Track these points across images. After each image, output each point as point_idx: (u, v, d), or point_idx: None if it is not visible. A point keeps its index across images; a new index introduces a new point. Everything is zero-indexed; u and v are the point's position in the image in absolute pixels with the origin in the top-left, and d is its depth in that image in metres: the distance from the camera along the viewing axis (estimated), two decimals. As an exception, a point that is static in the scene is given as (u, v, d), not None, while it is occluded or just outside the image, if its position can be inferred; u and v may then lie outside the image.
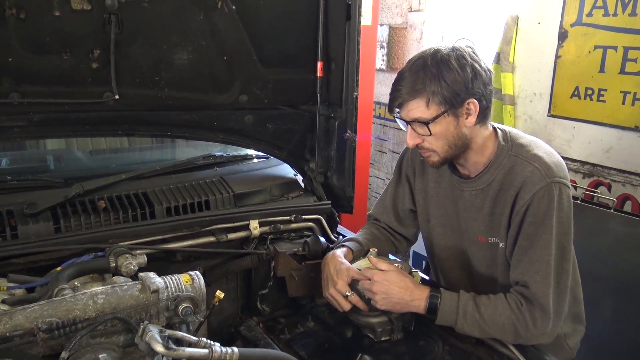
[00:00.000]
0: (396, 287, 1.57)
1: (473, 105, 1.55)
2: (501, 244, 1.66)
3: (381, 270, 1.62)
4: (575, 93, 3.00)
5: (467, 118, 1.56)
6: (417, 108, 1.54)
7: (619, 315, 2.67)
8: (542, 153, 1.60)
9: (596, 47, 2.86)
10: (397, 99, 1.57)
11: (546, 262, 1.52)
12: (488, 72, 1.58)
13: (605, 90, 2.85)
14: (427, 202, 1.86)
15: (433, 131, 1.55)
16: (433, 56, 1.53)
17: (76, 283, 1.38)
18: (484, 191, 1.67)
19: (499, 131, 1.68)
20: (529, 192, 1.54)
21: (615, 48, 2.77)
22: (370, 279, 1.60)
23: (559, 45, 3.05)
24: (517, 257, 1.59)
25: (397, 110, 1.59)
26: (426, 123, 1.54)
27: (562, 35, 3.02)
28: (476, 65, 1.54)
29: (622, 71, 2.75)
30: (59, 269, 1.43)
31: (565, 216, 1.56)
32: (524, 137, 1.68)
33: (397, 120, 1.63)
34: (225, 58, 1.92)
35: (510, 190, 1.59)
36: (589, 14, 2.87)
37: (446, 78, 1.50)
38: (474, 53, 1.56)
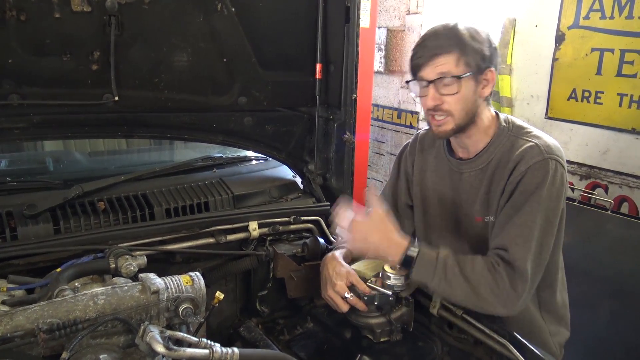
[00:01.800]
0: (375, 232, 1.57)
1: (491, 75, 1.61)
2: (492, 218, 1.66)
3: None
4: (573, 95, 3.01)
5: (483, 88, 1.61)
6: (447, 63, 1.55)
7: (615, 316, 2.67)
8: (542, 135, 1.64)
9: (593, 49, 2.87)
10: (425, 54, 1.57)
11: (529, 227, 1.52)
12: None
13: (602, 92, 2.86)
14: (424, 192, 1.87)
15: (460, 90, 1.57)
16: (460, 24, 1.59)
17: (76, 284, 1.38)
18: (483, 170, 1.69)
19: (500, 115, 1.72)
20: (525, 164, 1.55)
21: (612, 51, 2.78)
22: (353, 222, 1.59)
23: (556, 48, 3.06)
24: (500, 224, 1.59)
25: (416, 71, 1.60)
26: (458, 77, 1.55)
27: (559, 38, 3.04)
28: (489, 37, 1.62)
29: (619, 74, 2.76)
30: (58, 270, 1.43)
31: (556, 191, 1.56)
32: (524, 123, 1.72)
33: (412, 85, 1.64)
34: (224, 60, 1.93)
35: (507, 165, 1.61)
36: (586, 17, 2.88)
37: (477, 41, 1.57)
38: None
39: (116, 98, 1.77)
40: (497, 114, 1.73)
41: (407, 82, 1.67)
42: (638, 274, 2.57)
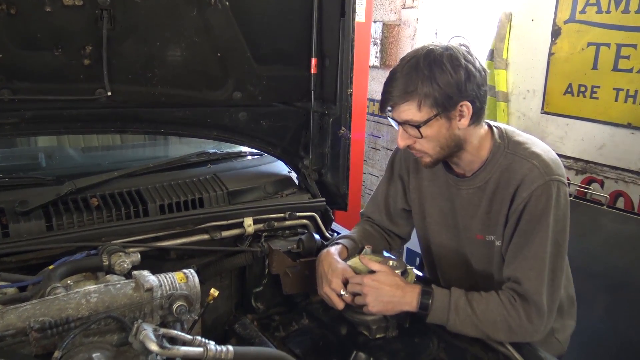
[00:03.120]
0: (387, 286, 1.56)
1: (466, 107, 1.52)
2: (497, 242, 1.66)
3: (372, 271, 1.62)
4: (569, 90, 3.00)
5: (459, 120, 1.54)
6: (409, 110, 1.51)
7: (611, 311, 2.68)
8: (540, 150, 1.60)
9: (589, 44, 2.86)
10: (388, 101, 1.55)
11: (541, 259, 1.52)
12: (483, 73, 1.55)
13: (598, 87, 2.86)
14: (422, 200, 1.85)
15: (424, 134, 1.54)
16: (426, 57, 1.49)
17: (69, 282, 1.37)
18: (481, 189, 1.66)
19: (494, 129, 1.67)
20: (527, 189, 1.53)
21: (608, 45, 2.78)
22: (360, 283, 1.58)
23: (552, 42, 3.05)
24: (512, 253, 1.59)
25: (389, 109, 1.57)
26: (417, 126, 1.52)
27: (556, 32, 3.03)
28: (470, 66, 1.50)
29: (615, 68, 2.76)
30: (51, 267, 1.42)
31: (562, 214, 1.56)
32: (520, 135, 1.68)
33: (389, 119, 1.61)
34: (218, 55, 1.91)
35: (508, 188, 1.59)
36: (582, 11, 2.87)
37: (439, 80, 1.47)
38: (468, 53, 1.53)
39: (109, 93, 1.75)
40: (490, 127, 1.68)
41: (383, 114, 1.63)
42: (634, 269, 2.57)
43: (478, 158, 1.65)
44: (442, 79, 1.47)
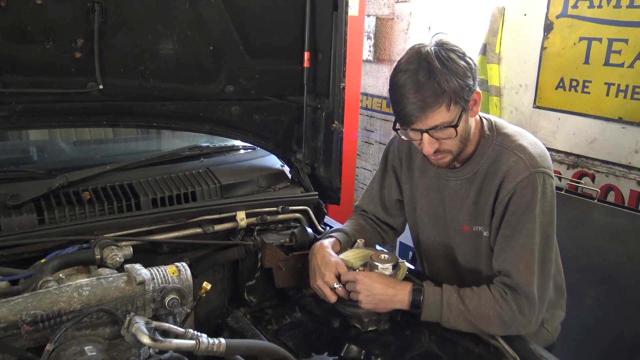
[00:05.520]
0: (378, 284, 1.57)
1: (477, 95, 1.54)
2: (485, 233, 1.67)
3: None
4: (560, 85, 3.02)
5: (472, 108, 1.56)
6: (439, 114, 1.46)
7: (601, 304, 2.71)
8: (527, 143, 1.61)
9: (581, 38, 2.87)
10: (414, 109, 1.45)
11: (529, 250, 1.53)
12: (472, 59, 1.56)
13: (590, 81, 2.87)
14: (414, 191, 1.86)
15: (456, 131, 1.50)
16: (435, 56, 1.44)
17: (61, 275, 1.36)
18: (469, 180, 1.68)
19: (484, 120, 1.68)
20: (513, 181, 1.55)
21: (599, 40, 2.79)
22: (353, 280, 1.59)
23: (545, 37, 3.06)
24: (500, 245, 1.60)
25: (404, 125, 1.52)
26: (454, 126, 1.49)
27: (548, 27, 3.04)
28: (466, 55, 1.51)
29: (607, 63, 2.77)
30: (43, 261, 1.41)
31: (549, 206, 1.57)
32: (509, 127, 1.69)
33: (402, 133, 1.57)
34: (211, 48, 1.90)
35: (494, 179, 1.60)
36: (574, 6, 2.88)
37: (457, 74, 1.44)
38: (454, 44, 1.52)
39: (101, 86, 1.74)
40: (480, 119, 1.68)
41: (396, 129, 1.58)
42: (624, 262, 2.60)
43: (469, 148, 1.66)
44: (459, 72, 1.45)
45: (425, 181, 1.82)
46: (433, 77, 1.43)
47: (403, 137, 1.60)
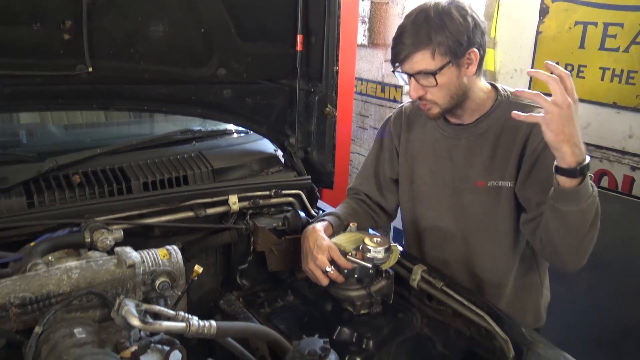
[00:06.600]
0: (574, 122, 1.41)
1: (474, 54, 1.60)
2: (509, 184, 1.67)
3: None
4: (555, 69, 3.00)
5: (467, 68, 1.61)
6: (423, 60, 1.57)
7: (593, 288, 2.72)
8: None
9: (577, 23, 2.86)
10: (401, 52, 1.59)
11: None
12: (484, 23, 1.63)
13: (585, 66, 2.87)
14: (412, 162, 1.88)
15: (439, 81, 1.59)
16: (435, 8, 1.56)
17: (50, 258, 1.36)
18: (483, 136, 1.71)
19: (498, 86, 1.76)
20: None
21: (595, 24, 2.78)
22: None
23: (540, 21, 3.05)
24: (543, 189, 1.51)
25: (397, 64, 1.63)
26: (433, 74, 1.57)
27: (543, 11, 3.02)
28: (475, 15, 1.59)
29: (602, 47, 2.76)
30: (32, 244, 1.40)
31: None
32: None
33: (397, 74, 1.67)
34: (202, 31, 1.88)
35: (518, 132, 1.63)
36: (570, -10, 2.87)
37: (450, 28, 1.54)
38: (469, 6, 1.60)
39: (90, 69, 1.72)
40: (493, 86, 1.75)
41: (393, 71, 1.68)
42: (616, 247, 2.61)
43: (481, 106, 1.71)
44: (453, 27, 1.54)
45: (424, 149, 1.84)
46: (424, 24, 1.55)
47: (400, 79, 1.68)
